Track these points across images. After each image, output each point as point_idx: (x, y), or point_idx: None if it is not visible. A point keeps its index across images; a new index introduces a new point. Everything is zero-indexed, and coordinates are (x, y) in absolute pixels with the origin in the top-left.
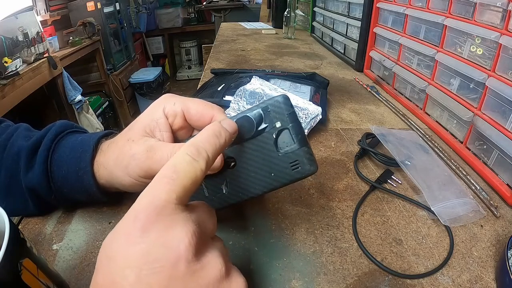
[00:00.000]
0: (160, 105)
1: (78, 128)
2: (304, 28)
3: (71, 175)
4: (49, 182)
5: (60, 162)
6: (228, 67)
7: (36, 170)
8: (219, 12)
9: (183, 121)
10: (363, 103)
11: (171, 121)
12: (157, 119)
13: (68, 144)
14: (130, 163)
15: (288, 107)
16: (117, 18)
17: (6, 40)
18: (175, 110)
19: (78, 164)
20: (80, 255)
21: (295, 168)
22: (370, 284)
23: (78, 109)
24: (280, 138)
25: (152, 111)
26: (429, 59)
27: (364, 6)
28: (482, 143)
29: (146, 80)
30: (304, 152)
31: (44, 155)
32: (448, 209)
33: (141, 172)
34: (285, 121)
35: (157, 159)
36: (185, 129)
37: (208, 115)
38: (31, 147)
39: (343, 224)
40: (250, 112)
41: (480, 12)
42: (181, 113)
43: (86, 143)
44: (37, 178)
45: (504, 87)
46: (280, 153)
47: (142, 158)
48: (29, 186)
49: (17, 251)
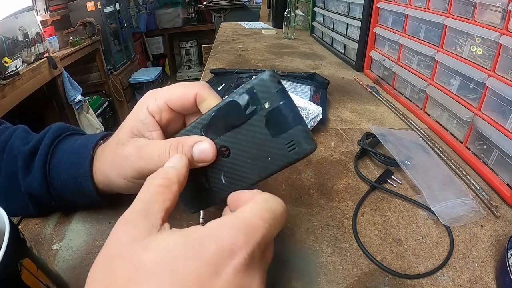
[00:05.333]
0: (143, 104)
1: (74, 130)
2: (304, 28)
3: (70, 180)
4: (49, 187)
5: (59, 168)
6: (228, 67)
7: (34, 176)
8: (219, 12)
9: (170, 114)
10: (363, 103)
11: (158, 118)
12: (142, 119)
13: (66, 149)
14: (122, 166)
15: (275, 83)
16: (117, 18)
17: (6, 40)
18: (158, 106)
19: (78, 170)
20: (80, 255)
21: (292, 149)
22: (370, 284)
23: (78, 109)
24: (272, 119)
25: (137, 112)
26: (429, 59)
27: (364, 6)
28: (482, 143)
29: (146, 80)
30: (299, 131)
31: (42, 160)
32: (448, 209)
33: (134, 173)
34: (274, 100)
35: (146, 158)
36: (175, 119)
37: (191, 95)
38: (28, 152)
39: (343, 224)
40: (236, 95)
41: (480, 12)
42: (165, 107)
43: (84, 148)
44: (37, 184)
45: (504, 87)
46: (273, 135)
47: (133, 159)
48: (28, 191)
49: (17, 251)
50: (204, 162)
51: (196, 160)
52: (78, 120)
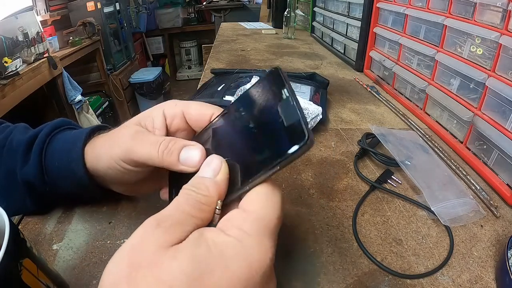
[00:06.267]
0: (162, 106)
1: (76, 125)
2: (304, 28)
3: (63, 166)
4: (43, 174)
5: (53, 154)
6: (228, 67)
7: (31, 163)
8: (219, 12)
9: (182, 123)
10: (363, 103)
11: (169, 122)
12: (154, 116)
13: (62, 138)
14: (115, 142)
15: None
16: (117, 18)
17: (6, 40)
18: (175, 112)
19: (70, 155)
20: (80, 255)
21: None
22: (370, 284)
23: (78, 109)
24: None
25: (152, 110)
26: (429, 59)
27: (364, 6)
28: (482, 143)
29: (146, 80)
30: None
31: (39, 148)
32: (448, 209)
33: (121, 153)
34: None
35: (138, 141)
36: (185, 132)
37: (207, 114)
38: (27, 141)
39: (343, 224)
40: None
41: (480, 12)
42: (181, 115)
43: (78, 135)
44: (32, 171)
45: (504, 87)
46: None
47: (126, 139)
48: (25, 180)
49: (17, 251)
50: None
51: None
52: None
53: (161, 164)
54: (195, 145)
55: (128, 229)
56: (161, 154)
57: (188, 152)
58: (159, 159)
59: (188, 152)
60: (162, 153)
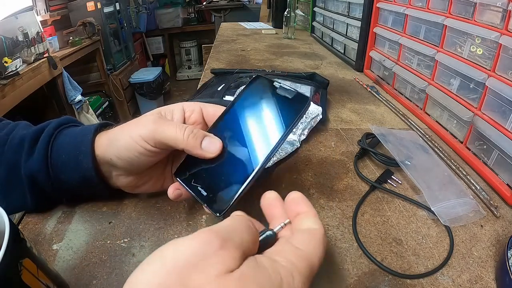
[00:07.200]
0: (181, 103)
1: (80, 124)
2: (304, 28)
3: (71, 160)
4: (48, 168)
5: (61, 148)
6: (228, 67)
7: (36, 156)
8: (219, 12)
9: (199, 117)
10: (363, 103)
11: (188, 115)
12: (174, 109)
13: (70, 133)
14: (138, 124)
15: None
16: (117, 18)
17: (6, 40)
18: (193, 107)
19: (79, 148)
20: (80, 255)
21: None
22: (370, 284)
23: (78, 109)
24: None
25: (172, 105)
26: (429, 59)
27: (364, 6)
28: (482, 143)
29: (146, 80)
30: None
31: (46, 141)
32: (448, 209)
33: (145, 132)
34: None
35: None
36: (200, 125)
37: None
38: (33, 134)
39: (343, 224)
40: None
41: (480, 12)
42: (199, 109)
43: (88, 128)
44: (37, 164)
45: (504, 87)
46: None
47: (150, 122)
48: (28, 174)
49: (17, 251)
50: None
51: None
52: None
53: (184, 145)
54: (215, 137)
55: (128, 229)
56: (186, 136)
57: (210, 140)
58: (184, 141)
59: (210, 140)
60: (187, 136)
